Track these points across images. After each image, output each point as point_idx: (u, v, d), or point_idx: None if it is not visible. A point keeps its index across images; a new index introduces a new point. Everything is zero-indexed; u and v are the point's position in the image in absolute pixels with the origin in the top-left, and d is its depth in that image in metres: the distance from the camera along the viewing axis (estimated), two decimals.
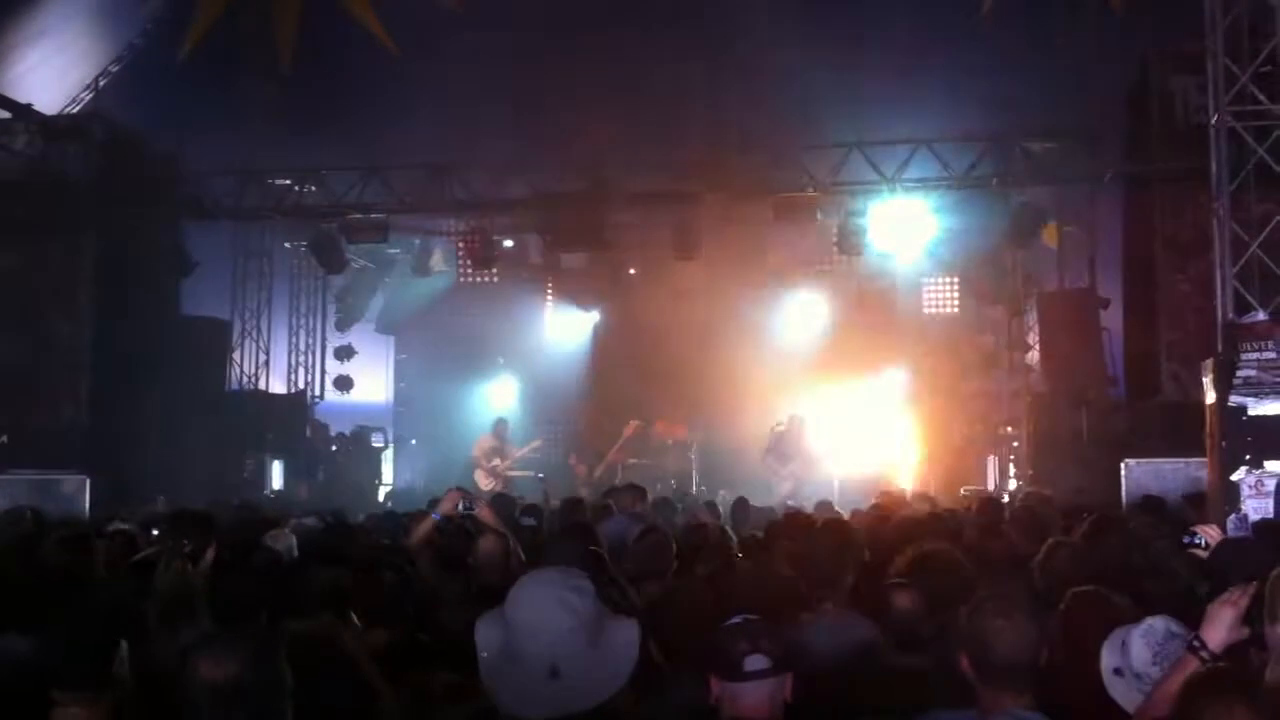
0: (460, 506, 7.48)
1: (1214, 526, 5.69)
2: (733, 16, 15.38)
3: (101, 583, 5.89)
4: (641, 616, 3.47)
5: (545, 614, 3.04)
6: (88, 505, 13.19)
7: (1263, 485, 9.82)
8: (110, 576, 6.12)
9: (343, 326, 22.38)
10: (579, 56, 15.15)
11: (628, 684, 3.07)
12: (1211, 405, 10.61)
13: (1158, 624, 3.94)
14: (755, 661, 3.60)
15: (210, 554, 6.10)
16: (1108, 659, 3.96)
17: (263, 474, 19.09)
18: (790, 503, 14.42)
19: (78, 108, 17.55)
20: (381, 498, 19.94)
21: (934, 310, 20.92)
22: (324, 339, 22.68)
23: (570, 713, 2.95)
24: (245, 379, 21.07)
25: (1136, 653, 3.87)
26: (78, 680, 3.44)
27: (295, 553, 7.04)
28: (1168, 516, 9.16)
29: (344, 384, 22.36)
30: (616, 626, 3.12)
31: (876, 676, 4.74)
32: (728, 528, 8.80)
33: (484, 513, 7.52)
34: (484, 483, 17.52)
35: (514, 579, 3.23)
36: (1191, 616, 4.07)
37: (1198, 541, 5.48)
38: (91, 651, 3.51)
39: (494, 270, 19.72)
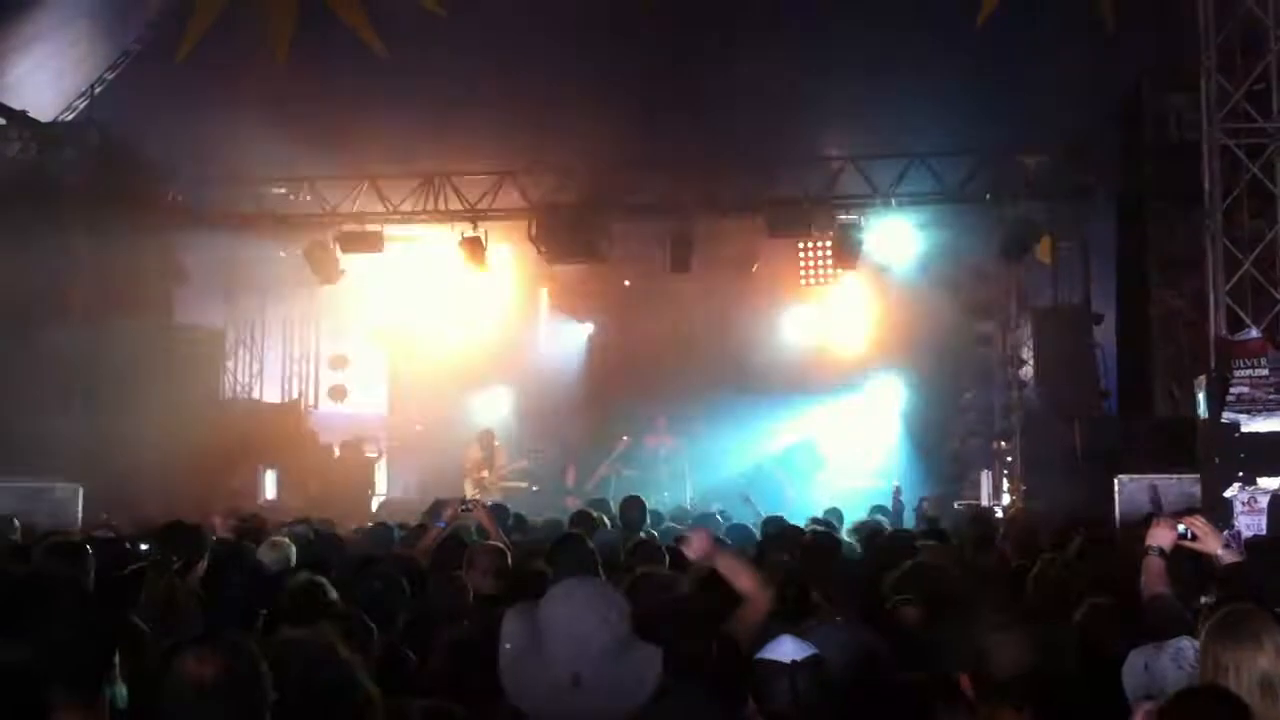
0: (460, 508, 7.61)
1: (1199, 518, 5.68)
2: (729, 30, 15.39)
3: (93, 591, 5.87)
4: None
5: (579, 620, 3.09)
6: (79, 514, 13.13)
7: (1255, 502, 9.82)
8: (100, 585, 6.10)
9: (337, 336, 22.34)
10: (574, 68, 15.16)
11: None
12: (1204, 422, 10.63)
13: (1185, 646, 3.87)
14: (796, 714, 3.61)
15: (202, 566, 6.10)
16: (1134, 683, 3.87)
17: (256, 483, 19.00)
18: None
19: (72, 114, 17.53)
20: (375, 508, 19.87)
21: (928, 324, 20.89)
22: (318, 348, 22.65)
23: (590, 711, 2.99)
24: (239, 388, 21.04)
25: (1171, 679, 3.78)
26: (74, 686, 3.44)
27: (293, 562, 7.03)
28: None
29: (338, 393, 22.33)
30: (641, 649, 3.17)
31: (884, 688, 4.73)
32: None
33: (479, 512, 7.58)
34: (471, 495, 17.47)
35: (509, 589, 3.27)
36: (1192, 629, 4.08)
37: (1184, 533, 5.49)
38: (90, 657, 3.51)
39: (488, 281, 19.65)
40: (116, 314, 16.31)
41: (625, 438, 18.86)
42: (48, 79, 16.81)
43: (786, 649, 3.68)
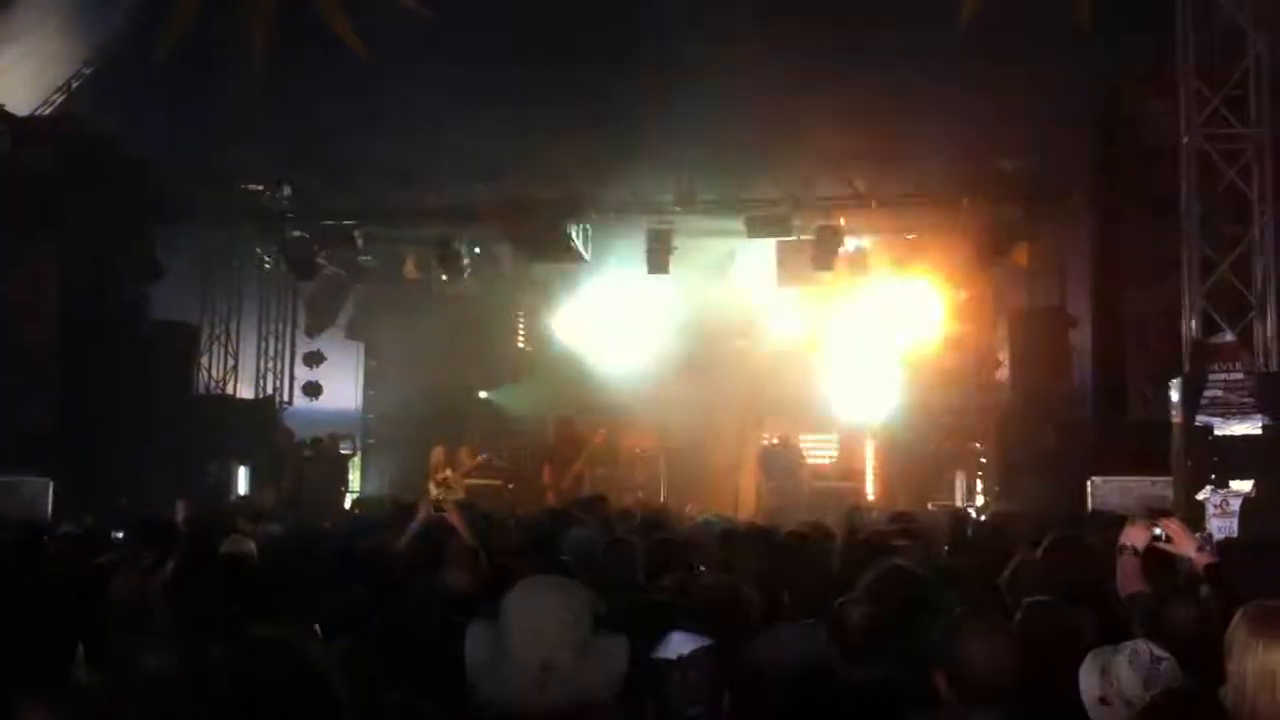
0: (432, 509, 7.63)
1: (1174, 519, 5.72)
2: (705, 31, 15.39)
3: (53, 586, 5.82)
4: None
5: (542, 614, 3.10)
6: (50, 509, 13.05)
7: (1228, 505, 9.88)
8: (61, 579, 6.05)
9: (312, 332, 22.26)
10: (552, 66, 15.13)
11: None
12: (1178, 425, 10.68)
13: (1141, 648, 3.85)
14: (693, 709, 3.61)
15: (171, 563, 6.05)
16: (1089, 685, 3.85)
17: (228, 479, 18.91)
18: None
19: (49, 109, 17.38)
20: (348, 505, 19.81)
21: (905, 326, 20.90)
22: (293, 345, 22.56)
23: (562, 702, 2.98)
24: (213, 384, 20.94)
25: (1125, 680, 3.75)
26: (36, 683, 3.40)
27: (255, 559, 6.98)
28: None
29: (313, 390, 22.24)
30: (608, 640, 3.18)
31: (831, 689, 4.74)
32: None
33: (453, 516, 7.59)
34: (435, 495, 17.37)
35: (482, 586, 3.26)
36: (1162, 631, 4.09)
37: (1158, 535, 5.52)
38: (48, 655, 3.48)
39: (465, 278, 19.59)
40: (91, 309, 16.19)
41: (602, 430, 18.86)
42: (25, 74, 16.66)
43: (676, 644, 3.69)
